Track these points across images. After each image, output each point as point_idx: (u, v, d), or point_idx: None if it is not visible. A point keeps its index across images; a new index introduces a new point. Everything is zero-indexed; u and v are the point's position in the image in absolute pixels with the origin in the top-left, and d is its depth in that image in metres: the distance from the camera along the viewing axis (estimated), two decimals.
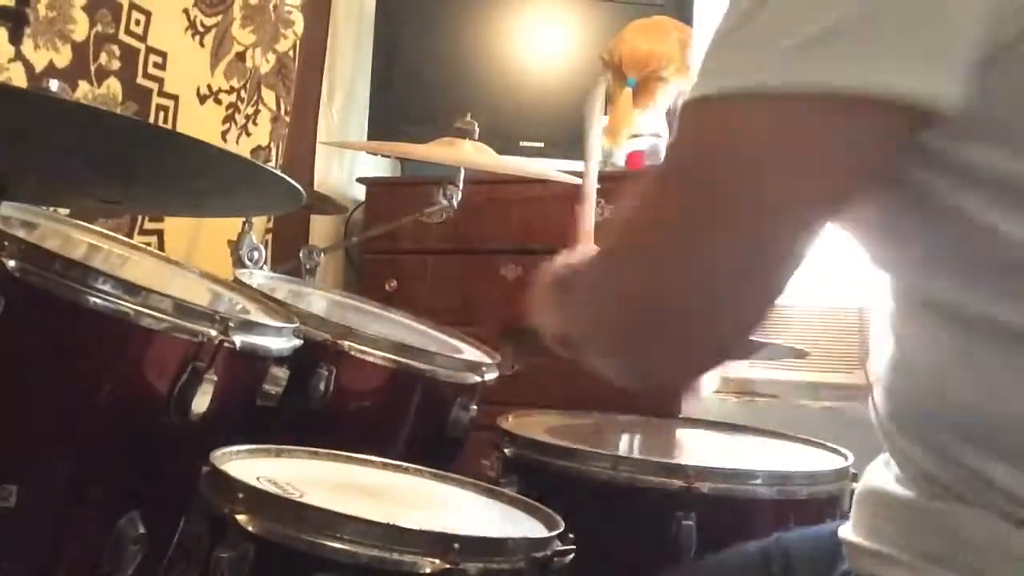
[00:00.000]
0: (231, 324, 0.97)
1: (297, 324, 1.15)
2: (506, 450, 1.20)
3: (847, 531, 0.71)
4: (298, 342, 1.13)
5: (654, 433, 1.49)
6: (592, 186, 1.09)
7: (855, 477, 1.21)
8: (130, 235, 1.85)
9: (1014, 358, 0.57)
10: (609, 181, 2.16)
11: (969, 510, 0.61)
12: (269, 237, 2.29)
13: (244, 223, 1.61)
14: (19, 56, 1.62)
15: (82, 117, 0.88)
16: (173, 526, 0.95)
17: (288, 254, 1.82)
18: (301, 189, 0.96)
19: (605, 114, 2.35)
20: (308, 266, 1.69)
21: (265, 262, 1.63)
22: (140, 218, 1.93)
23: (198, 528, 0.85)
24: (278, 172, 0.95)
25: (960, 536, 0.61)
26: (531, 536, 0.85)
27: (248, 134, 2.24)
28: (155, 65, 1.95)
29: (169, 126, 1.94)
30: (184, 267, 1.31)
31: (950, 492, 0.62)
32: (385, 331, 1.36)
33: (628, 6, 2.45)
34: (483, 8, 2.55)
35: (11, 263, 0.86)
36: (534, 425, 1.33)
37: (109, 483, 0.95)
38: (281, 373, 1.09)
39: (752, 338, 0.60)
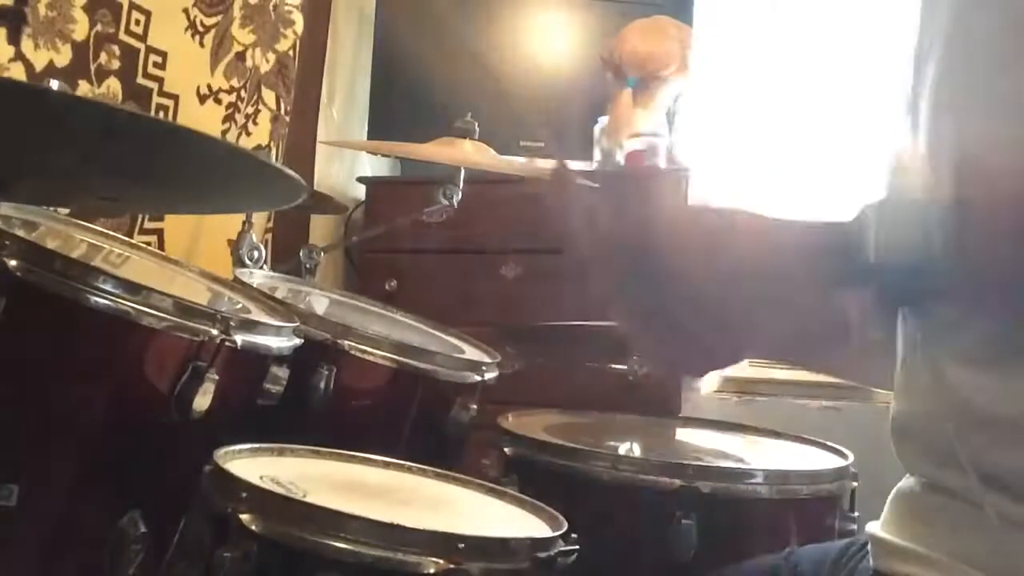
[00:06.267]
0: (232, 323, 0.97)
1: (297, 323, 1.15)
2: (506, 449, 1.20)
3: (876, 528, 0.71)
4: (298, 341, 1.13)
5: (654, 432, 1.49)
6: None
7: (855, 476, 1.22)
8: (130, 235, 1.85)
9: None
10: (609, 181, 2.17)
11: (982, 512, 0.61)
12: (269, 236, 2.29)
13: (244, 222, 1.61)
14: (19, 56, 1.62)
15: (82, 112, 0.88)
16: (174, 526, 0.95)
17: (288, 254, 1.82)
18: (303, 181, 0.96)
19: (605, 114, 2.35)
20: (308, 265, 1.69)
21: (265, 261, 1.63)
22: (140, 218, 1.93)
23: (200, 527, 0.85)
24: (279, 165, 0.94)
25: (986, 536, 0.61)
26: (535, 536, 0.85)
27: (248, 134, 2.24)
28: (155, 65, 1.95)
29: None
30: (184, 266, 1.31)
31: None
32: (385, 330, 1.35)
33: (628, 6, 2.45)
34: (483, 9, 2.55)
35: (12, 263, 0.85)
36: (534, 425, 1.33)
37: (109, 483, 0.95)
38: (282, 372, 1.08)
39: None
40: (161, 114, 1.97)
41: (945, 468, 0.64)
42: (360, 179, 2.52)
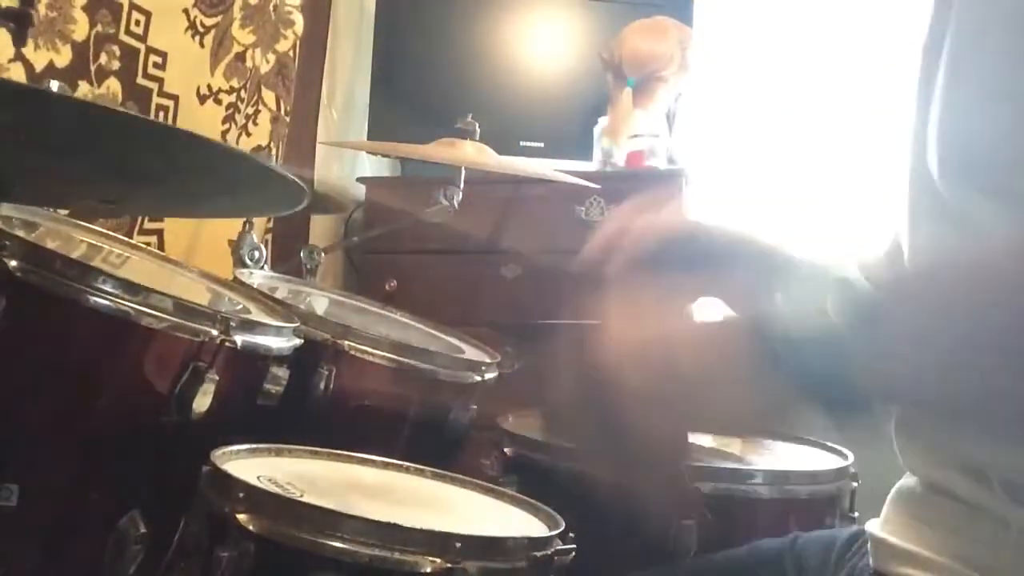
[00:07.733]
0: (232, 323, 0.97)
1: (297, 324, 1.15)
2: (506, 450, 1.20)
3: (876, 527, 0.71)
4: (298, 341, 1.13)
5: None
6: None
7: (855, 477, 1.22)
8: (130, 235, 1.85)
9: None
10: (609, 181, 2.17)
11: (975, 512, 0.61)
12: (269, 237, 2.29)
13: (244, 223, 1.61)
14: (19, 56, 1.62)
15: (83, 114, 0.88)
16: (173, 526, 0.95)
17: (288, 254, 1.83)
18: (304, 186, 0.96)
19: (605, 114, 2.35)
20: (308, 266, 1.69)
21: (265, 262, 1.63)
22: (140, 218, 1.93)
23: (199, 527, 0.85)
24: (280, 169, 0.94)
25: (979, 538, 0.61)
26: (532, 535, 0.85)
27: (248, 134, 2.24)
28: (155, 65, 1.95)
29: None
30: (184, 267, 1.31)
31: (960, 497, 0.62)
32: (385, 331, 1.35)
33: (628, 6, 2.45)
34: (483, 9, 2.55)
35: (12, 263, 0.86)
36: (534, 425, 1.33)
37: (109, 483, 0.95)
38: (282, 372, 1.09)
39: None
40: (161, 115, 1.97)
41: (948, 470, 0.64)
42: (360, 179, 2.52)
